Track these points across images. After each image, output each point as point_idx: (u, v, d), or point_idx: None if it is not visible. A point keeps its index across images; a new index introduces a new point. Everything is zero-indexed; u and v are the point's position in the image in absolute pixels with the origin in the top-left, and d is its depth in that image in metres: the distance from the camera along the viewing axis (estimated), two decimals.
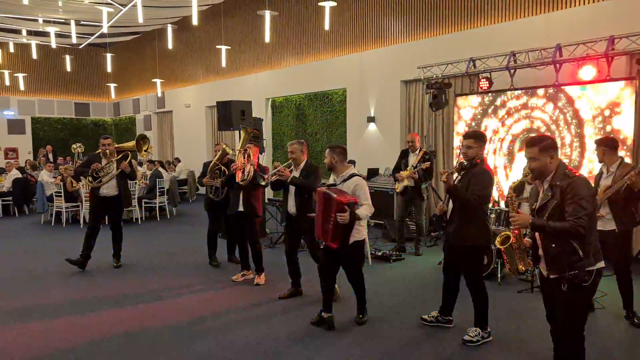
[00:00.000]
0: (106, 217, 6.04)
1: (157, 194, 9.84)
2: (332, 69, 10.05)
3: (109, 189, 5.83)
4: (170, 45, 11.57)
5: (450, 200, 3.74)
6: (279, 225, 7.42)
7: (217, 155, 5.79)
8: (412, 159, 6.28)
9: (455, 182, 3.73)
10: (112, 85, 16.50)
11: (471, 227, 3.58)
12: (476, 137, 3.67)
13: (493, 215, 5.65)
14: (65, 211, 9.32)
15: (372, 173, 8.69)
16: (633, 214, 4.10)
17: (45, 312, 4.53)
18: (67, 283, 5.46)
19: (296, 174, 4.57)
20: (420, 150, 6.28)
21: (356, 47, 9.71)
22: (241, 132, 5.79)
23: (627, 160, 5.57)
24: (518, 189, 4.93)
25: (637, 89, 5.43)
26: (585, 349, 2.74)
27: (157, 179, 9.81)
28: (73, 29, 11.23)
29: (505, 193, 5.47)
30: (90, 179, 5.79)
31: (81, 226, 9.05)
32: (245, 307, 4.63)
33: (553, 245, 2.66)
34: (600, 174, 4.25)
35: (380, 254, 6.32)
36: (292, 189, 4.57)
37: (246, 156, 5.02)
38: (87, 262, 5.87)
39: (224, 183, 5.57)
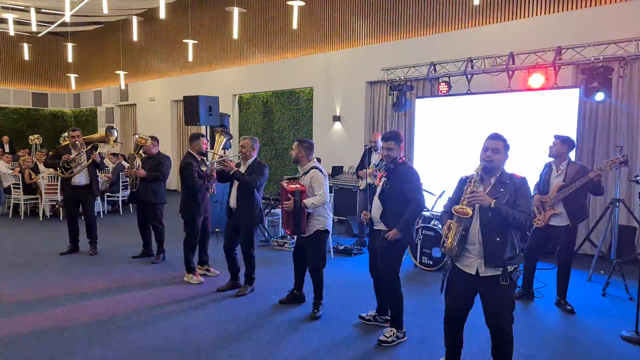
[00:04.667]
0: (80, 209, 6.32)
1: (120, 187, 9.71)
2: (300, 68, 10.22)
3: (80, 178, 6.10)
4: (135, 37, 11.39)
5: (375, 199, 3.75)
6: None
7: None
8: (375, 158, 6.54)
9: (383, 183, 3.72)
10: (73, 76, 16.01)
11: (396, 223, 3.60)
12: (395, 139, 3.69)
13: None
14: (24, 204, 9.07)
15: (337, 171, 8.92)
16: (584, 207, 4.48)
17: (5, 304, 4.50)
18: (24, 275, 5.40)
19: (242, 169, 4.68)
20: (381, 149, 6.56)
21: (323, 47, 9.92)
22: (216, 134, 5.56)
23: None
24: None
25: (581, 97, 5.89)
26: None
27: (120, 173, 9.68)
28: (33, 16, 10.88)
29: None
30: (61, 170, 6.01)
31: (40, 219, 8.85)
32: (193, 298, 4.72)
33: (497, 238, 2.74)
34: (550, 170, 4.54)
35: (342, 248, 6.56)
36: (236, 183, 4.66)
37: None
38: (77, 245, 6.38)
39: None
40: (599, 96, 5.59)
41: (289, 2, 8.30)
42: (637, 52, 5.63)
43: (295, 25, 8.40)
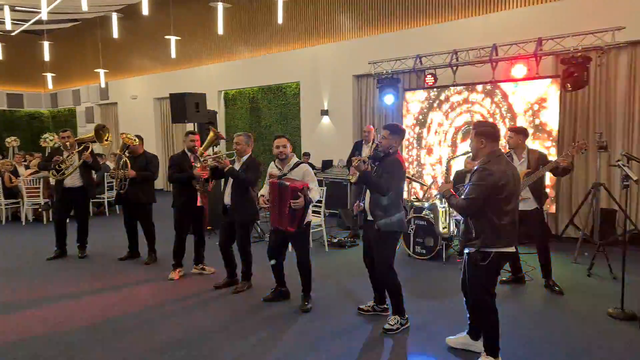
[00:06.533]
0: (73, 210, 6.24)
1: (106, 189, 9.60)
2: (286, 63, 10.22)
3: (73, 180, 6.00)
4: (115, 35, 11.19)
5: (368, 194, 3.86)
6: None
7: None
8: (366, 151, 6.63)
9: (373, 171, 3.83)
10: (49, 75, 15.62)
11: (386, 215, 3.72)
12: (391, 130, 3.79)
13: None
14: (5, 208, 8.89)
15: (327, 165, 8.99)
16: (545, 190, 4.79)
17: None
18: (12, 280, 5.33)
19: (237, 166, 4.64)
20: (373, 142, 6.65)
21: (309, 41, 9.94)
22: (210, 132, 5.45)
23: (552, 150, 6.26)
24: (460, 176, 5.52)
25: (562, 86, 6.09)
26: (497, 314, 3.16)
27: (105, 173, 9.56)
28: (7, 14, 10.58)
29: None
30: (54, 172, 5.93)
31: (23, 223, 8.70)
32: (190, 296, 4.72)
33: (462, 222, 3.21)
34: (511, 160, 4.62)
35: (336, 240, 6.65)
36: (230, 180, 4.64)
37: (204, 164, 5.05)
38: (65, 249, 6.28)
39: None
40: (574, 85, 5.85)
41: None
42: (614, 41, 5.84)
43: (280, 20, 8.39)
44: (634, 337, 3.64)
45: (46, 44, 12.89)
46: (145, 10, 7.95)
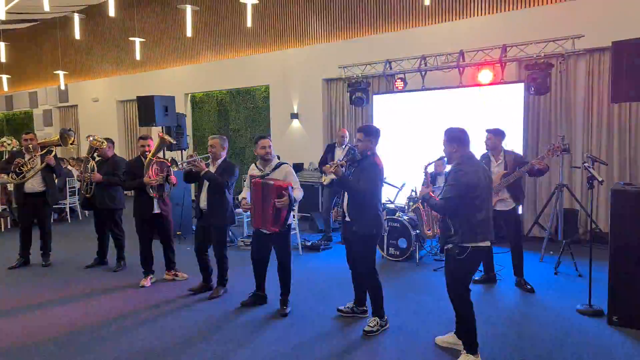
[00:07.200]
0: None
1: (68, 194, 9.22)
2: (255, 66, 10.15)
3: (34, 184, 5.77)
4: (77, 36, 10.79)
5: (346, 195, 3.88)
6: None
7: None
8: (338, 153, 6.65)
9: (350, 174, 3.83)
10: (5, 77, 14.87)
11: (364, 218, 3.73)
12: (366, 132, 3.78)
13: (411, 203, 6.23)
14: None
15: (298, 168, 8.97)
16: (522, 190, 4.96)
17: None
18: None
19: (212, 169, 4.57)
20: (346, 145, 6.68)
21: (279, 45, 9.91)
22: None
23: (519, 151, 6.49)
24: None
25: (525, 91, 6.33)
26: (472, 307, 3.29)
27: (67, 178, 9.18)
28: None
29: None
30: (13, 175, 5.69)
31: None
32: (164, 303, 4.60)
33: (441, 221, 3.38)
34: (488, 161, 4.85)
35: (310, 244, 6.63)
36: (205, 184, 4.55)
37: (155, 169, 4.93)
38: (29, 258, 6.06)
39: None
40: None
41: (242, 0, 8.18)
42: (574, 49, 6.13)
43: (249, 23, 8.32)
44: (603, 332, 3.80)
45: (2, 45, 12.29)
46: (112, 12, 7.69)
